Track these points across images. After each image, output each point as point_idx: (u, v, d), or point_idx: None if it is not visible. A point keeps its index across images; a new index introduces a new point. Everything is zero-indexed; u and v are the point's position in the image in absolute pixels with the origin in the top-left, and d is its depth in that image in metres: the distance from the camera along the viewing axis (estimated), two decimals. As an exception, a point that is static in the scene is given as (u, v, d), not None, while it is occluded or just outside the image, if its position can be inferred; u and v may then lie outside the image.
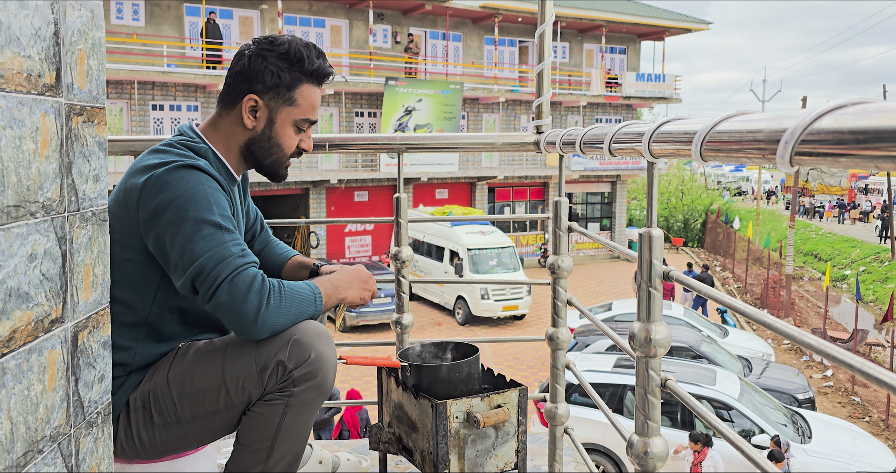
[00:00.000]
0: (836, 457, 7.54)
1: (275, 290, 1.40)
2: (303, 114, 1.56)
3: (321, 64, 1.55)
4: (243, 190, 1.73)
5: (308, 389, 1.41)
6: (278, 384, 1.41)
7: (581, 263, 23.86)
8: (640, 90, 24.83)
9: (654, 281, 1.17)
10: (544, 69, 2.18)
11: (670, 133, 1.06)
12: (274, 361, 1.39)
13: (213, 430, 1.48)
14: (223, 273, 1.37)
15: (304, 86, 1.54)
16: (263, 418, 1.43)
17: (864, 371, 0.69)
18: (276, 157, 1.58)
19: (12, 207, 0.98)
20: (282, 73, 1.52)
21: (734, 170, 60.33)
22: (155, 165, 1.43)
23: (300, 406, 1.42)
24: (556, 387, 2.08)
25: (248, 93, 1.52)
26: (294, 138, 1.58)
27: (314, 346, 1.41)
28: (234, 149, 1.57)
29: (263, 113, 1.54)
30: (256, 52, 1.53)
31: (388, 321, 15.22)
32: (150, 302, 1.49)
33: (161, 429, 1.46)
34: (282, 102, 1.53)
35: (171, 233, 1.40)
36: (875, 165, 0.61)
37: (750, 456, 0.97)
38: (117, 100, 17.75)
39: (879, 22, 56.22)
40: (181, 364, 1.47)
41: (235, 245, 1.41)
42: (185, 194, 1.40)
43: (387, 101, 20.22)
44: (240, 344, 1.44)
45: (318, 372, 1.41)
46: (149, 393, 1.46)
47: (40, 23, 1.05)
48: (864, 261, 25.07)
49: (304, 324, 1.43)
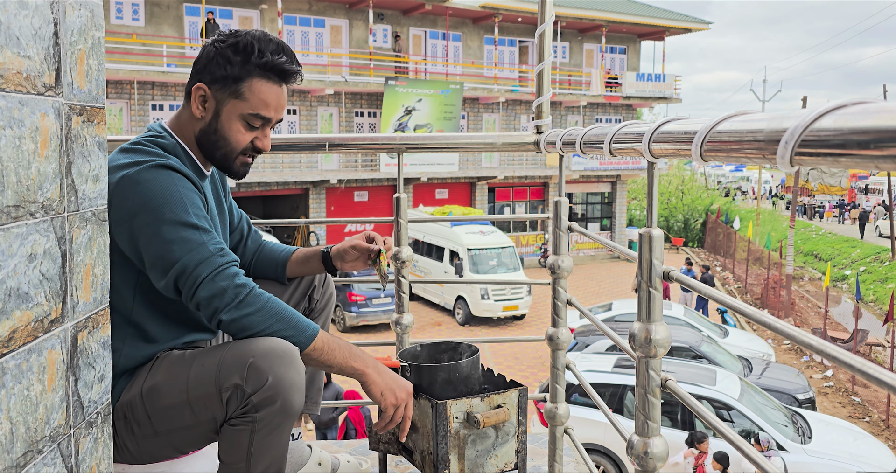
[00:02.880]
0: (836, 457, 7.54)
1: (254, 292, 1.40)
2: (251, 108, 1.50)
3: (273, 59, 1.48)
4: (222, 185, 1.72)
5: (270, 414, 1.36)
6: (239, 409, 1.36)
7: (581, 263, 23.85)
8: (640, 90, 24.84)
9: (654, 281, 1.17)
10: (544, 69, 2.18)
11: (670, 133, 1.06)
12: (231, 385, 1.35)
13: (193, 442, 1.47)
14: (204, 272, 1.38)
15: (253, 80, 1.49)
16: (233, 440, 1.39)
17: (864, 371, 0.69)
18: (223, 151, 1.54)
19: (12, 207, 0.98)
20: (229, 65, 1.49)
21: (734, 170, 60.32)
22: (125, 165, 1.42)
23: (267, 430, 1.38)
24: (556, 387, 2.08)
25: (198, 82, 1.51)
26: (244, 134, 1.53)
27: (272, 370, 1.34)
28: (193, 141, 1.55)
29: (211, 104, 1.51)
30: (212, 43, 1.52)
31: (388, 321, 15.24)
32: (130, 300, 1.48)
33: (141, 439, 1.45)
34: (228, 94, 1.50)
35: (147, 236, 1.39)
36: (875, 165, 0.61)
37: (750, 456, 0.97)
38: (117, 100, 17.76)
39: (879, 22, 56.30)
40: (155, 376, 1.45)
41: (214, 244, 1.41)
42: (157, 196, 1.39)
43: (387, 101, 20.22)
44: (203, 362, 1.41)
45: (277, 398, 1.34)
46: (128, 405, 1.45)
47: (40, 23, 1.04)
48: (864, 261, 25.06)
49: (265, 344, 1.37)
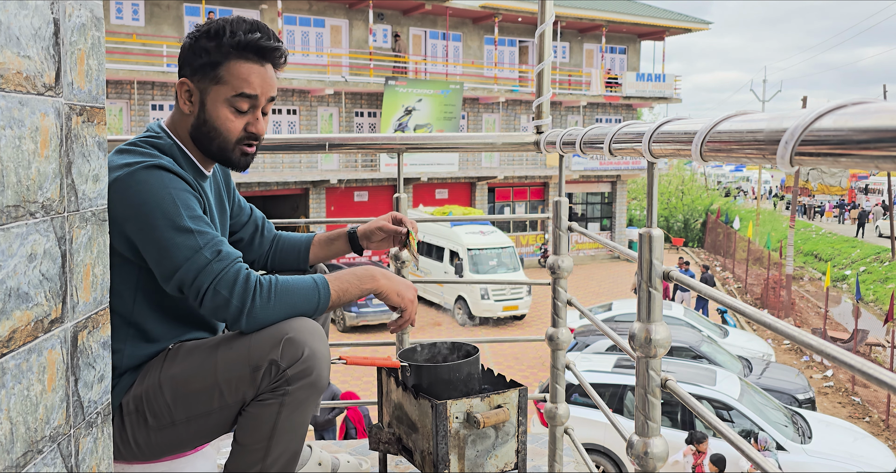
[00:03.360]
0: (836, 457, 7.54)
1: (262, 288, 1.40)
2: (233, 90, 1.48)
3: (246, 37, 1.46)
4: (225, 183, 1.71)
5: (302, 387, 1.40)
6: (272, 383, 1.39)
7: (581, 263, 23.85)
8: (640, 90, 24.83)
9: (654, 281, 1.17)
10: (544, 69, 2.18)
11: (670, 133, 1.06)
12: (267, 361, 1.38)
13: (209, 431, 1.48)
14: (205, 282, 1.38)
15: (231, 62, 1.48)
16: (259, 418, 1.42)
17: (864, 371, 0.69)
18: (218, 142, 1.52)
19: (12, 207, 0.98)
20: (204, 52, 1.48)
21: (734, 170, 60.31)
22: (118, 167, 1.42)
23: (295, 404, 1.41)
24: (556, 387, 2.08)
25: (181, 77, 1.51)
26: (233, 120, 1.51)
27: (307, 344, 1.39)
28: (188, 139, 1.54)
29: (196, 96, 1.50)
30: (188, 37, 1.51)
31: (388, 321, 15.24)
32: (131, 301, 1.48)
33: (156, 431, 1.45)
34: (209, 82, 1.49)
35: (142, 241, 1.40)
36: (875, 165, 0.61)
37: (750, 456, 0.97)
38: (117, 100, 17.76)
39: (879, 22, 56.29)
40: (173, 365, 1.46)
41: (210, 248, 1.40)
42: (149, 200, 1.38)
43: (387, 101, 20.22)
44: (231, 345, 1.43)
45: (312, 370, 1.40)
46: (142, 396, 1.45)
47: (40, 23, 1.04)
48: (864, 261, 25.06)
49: (296, 322, 1.41)
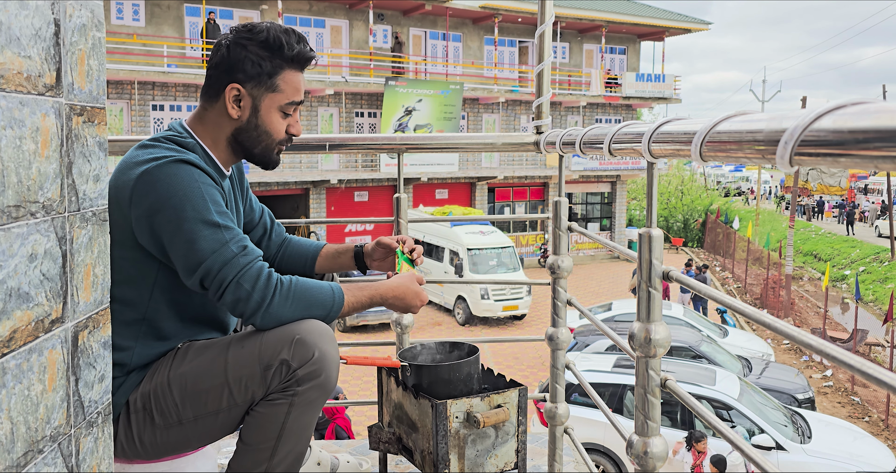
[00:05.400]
0: (836, 457, 7.53)
1: (283, 286, 1.43)
2: (287, 98, 1.55)
3: (301, 49, 1.53)
4: (240, 184, 1.73)
5: (312, 388, 1.42)
6: (282, 383, 1.41)
7: (581, 263, 23.85)
8: (639, 90, 24.82)
9: (654, 281, 1.17)
10: (544, 69, 2.18)
11: (670, 133, 1.06)
12: (278, 360, 1.40)
13: (215, 430, 1.49)
14: (229, 275, 1.40)
15: (285, 72, 1.53)
16: (267, 417, 1.43)
17: (864, 371, 0.69)
18: (265, 145, 1.57)
19: (12, 207, 0.98)
20: (262, 61, 1.51)
21: (734, 170, 60.30)
22: (145, 160, 1.43)
23: (304, 405, 1.43)
24: (556, 387, 2.08)
25: (230, 83, 1.51)
26: (282, 123, 1.57)
27: (318, 345, 1.41)
28: (222, 141, 1.56)
29: (247, 102, 1.53)
30: (235, 42, 1.52)
31: (388, 321, 15.27)
32: (147, 297, 1.49)
33: (162, 430, 1.46)
34: (265, 90, 1.52)
35: (170, 233, 1.40)
36: (875, 165, 0.61)
37: (750, 456, 0.97)
38: (117, 101, 17.75)
39: (879, 22, 56.32)
40: (182, 364, 1.47)
41: (236, 243, 1.42)
42: (179, 193, 1.40)
43: (387, 102, 20.21)
44: (242, 344, 1.44)
45: (322, 371, 1.41)
46: (149, 394, 1.46)
47: (40, 23, 1.05)
48: (863, 261, 25.06)
49: (307, 323, 1.43)
